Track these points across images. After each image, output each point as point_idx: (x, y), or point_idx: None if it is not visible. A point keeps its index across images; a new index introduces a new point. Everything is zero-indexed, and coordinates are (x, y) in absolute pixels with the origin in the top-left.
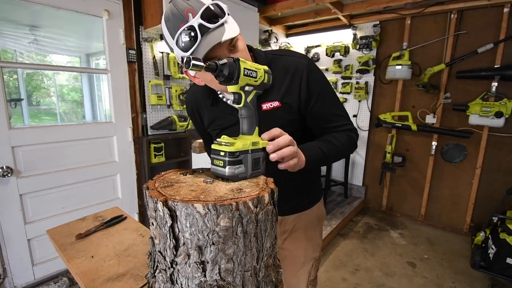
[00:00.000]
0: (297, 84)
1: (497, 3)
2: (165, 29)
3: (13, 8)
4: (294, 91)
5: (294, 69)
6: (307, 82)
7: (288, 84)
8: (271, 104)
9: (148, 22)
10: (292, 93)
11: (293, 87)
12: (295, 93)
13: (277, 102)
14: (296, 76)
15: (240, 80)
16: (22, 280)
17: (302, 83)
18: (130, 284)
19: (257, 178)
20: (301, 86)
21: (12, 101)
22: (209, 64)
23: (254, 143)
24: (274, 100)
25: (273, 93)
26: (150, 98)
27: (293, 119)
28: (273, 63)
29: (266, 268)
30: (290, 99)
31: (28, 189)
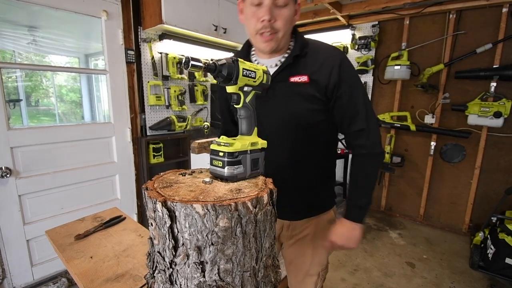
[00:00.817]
0: (329, 67)
1: (496, 3)
2: None
3: (12, 9)
4: (325, 72)
5: (329, 53)
6: (339, 69)
7: (320, 64)
8: (300, 78)
9: (147, 23)
10: (323, 74)
11: (324, 68)
12: (325, 74)
13: (306, 77)
14: (329, 60)
15: (239, 81)
16: (21, 281)
17: (334, 67)
18: (129, 284)
19: (256, 179)
20: (332, 70)
21: (11, 101)
22: (208, 65)
23: (253, 144)
24: (304, 74)
25: (303, 68)
26: (149, 98)
27: (318, 98)
28: (310, 44)
29: (265, 269)
30: (319, 78)
31: (27, 190)
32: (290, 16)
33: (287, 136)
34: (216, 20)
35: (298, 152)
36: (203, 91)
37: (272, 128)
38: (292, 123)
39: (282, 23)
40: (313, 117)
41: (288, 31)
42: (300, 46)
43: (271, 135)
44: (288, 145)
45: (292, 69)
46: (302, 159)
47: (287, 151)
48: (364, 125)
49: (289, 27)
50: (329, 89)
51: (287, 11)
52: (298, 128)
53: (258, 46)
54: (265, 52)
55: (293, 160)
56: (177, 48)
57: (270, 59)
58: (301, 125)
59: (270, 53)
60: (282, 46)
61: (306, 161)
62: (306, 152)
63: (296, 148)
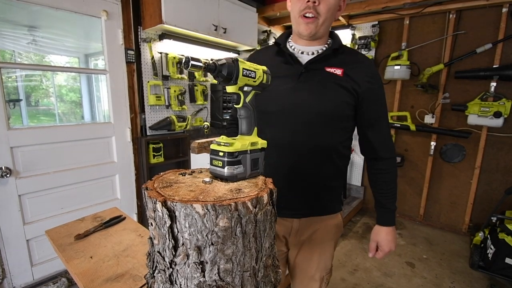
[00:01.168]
0: (364, 68)
1: (496, 3)
2: None
3: (12, 9)
4: (359, 71)
5: (364, 57)
6: (372, 72)
7: (355, 63)
8: (335, 70)
9: (147, 23)
10: (357, 72)
11: (360, 67)
12: (360, 73)
13: (341, 70)
14: (365, 62)
15: (239, 81)
16: (21, 281)
17: (369, 69)
18: (129, 284)
19: (256, 179)
20: (367, 71)
21: (11, 101)
22: (208, 64)
23: (253, 144)
24: (339, 68)
25: (339, 63)
26: (149, 98)
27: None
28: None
29: (265, 269)
30: (354, 75)
31: (27, 190)
32: (334, 4)
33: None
34: (216, 20)
35: (323, 142)
36: (203, 91)
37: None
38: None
39: (325, 8)
40: (345, 109)
41: (329, 19)
42: (338, 42)
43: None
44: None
45: (328, 61)
46: (325, 151)
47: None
48: (386, 129)
49: (330, 15)
50: (362, 89)
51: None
52: (330, 118)
53: (298, 29)
54: (304, 37)
55: (316, 151)
56: (177, 48)
57: (309, 47)
58: (334, 115)
59: (309, 40)
60: (321, 34)
61: (328, 154)
62: (330, 144)
63: (323, 138)
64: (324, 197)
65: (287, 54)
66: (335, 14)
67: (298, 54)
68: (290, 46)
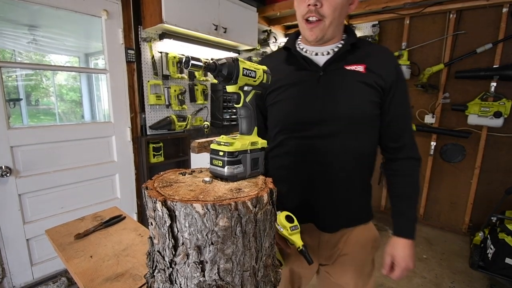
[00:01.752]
0: (387, 62)
1: (496, 3)
2: None
3: (12, 8)
4: (383, 65)
5: (385, 50)
6: (396, 67)
7: (377, 57)
8: (356, 67)
9: (147, 22)
10: (380, 66)
11: (382, 61)
12: (383, 68)
13: (362, 67)
14: (387, 56)
15: (239, 80)
16: (21, 280)
17: (392, 64)
18: (129, 284)
19: (256, 178)
20: (391, 66)
21: (11, 101)
22: (208, 64)
23: (253, 143)
24: (360, 64)
25: (359, 59)
26: (149, 98)
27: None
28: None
29: (265, 268)
30: (377, 70)
31: (27, 189)
32: (341, 2)
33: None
34: (216, 20)
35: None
36: (203, 90)
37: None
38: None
39: (329, 9)
40: (373, 109)
41: (337, 19)
42: (354, 36)
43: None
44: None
45: (346, 58)
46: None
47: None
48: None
49: (339, 15)
50: (387, 84)
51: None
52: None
53: (303, 33)
54: (310, 42)
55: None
56: (177, 48)
57: (323, 46)
58: (362, 117)
59: (316, 43)
60: (330, 36)
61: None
62: (359, 148)
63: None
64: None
65: (300, 58)
66: (345, 11)
67: (312, 56)
68: (301, 49)
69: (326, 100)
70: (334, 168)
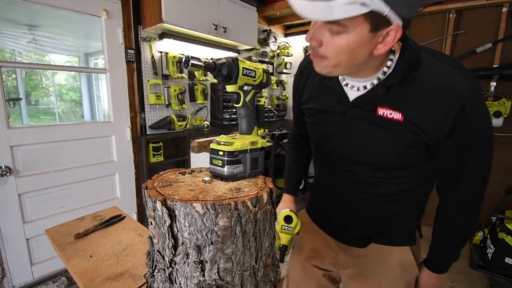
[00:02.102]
0: (440, 112)
1: (496, 2)
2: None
3: (12, 8)
4: (431, 117)
5: (447, 90)
6: (455, 118)
7: (427, 103)
8: (392, 113)
9: (147, 22)
10: (427, 119)
11: (432, 111)
12: (431, 120)
13: (400, 115)
14: (444, 101)
15: (239, 80)
16: (21, 280)
17: (449, 115)
18: (129, 283)
19: (256, 178)
20: (444, 117)
21: (11, 100)
22: (208, 64)
23: (253, 143)
24: (398, 111)
25: (400, 102)
26: (149, 97)
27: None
28: (424, 63)
29: (265, 268)
30: (420, 123)
31: (26, 189)
32: (348, 47)
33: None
34: (216, 19)
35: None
36: (203, 90)
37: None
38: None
39: (331, 52)
40: (404, 160)
41: (348, 62)
42: (405, 69)
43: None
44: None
45: (383, 98)
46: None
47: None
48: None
49: (348, 59)
50: (432, 139)
51: (341, 40)
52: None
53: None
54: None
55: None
56: (177, 47)
57: (354, 79)
58: (385, 166)
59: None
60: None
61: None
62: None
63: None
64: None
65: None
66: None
67: (344, 86)
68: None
69: (348, 139)
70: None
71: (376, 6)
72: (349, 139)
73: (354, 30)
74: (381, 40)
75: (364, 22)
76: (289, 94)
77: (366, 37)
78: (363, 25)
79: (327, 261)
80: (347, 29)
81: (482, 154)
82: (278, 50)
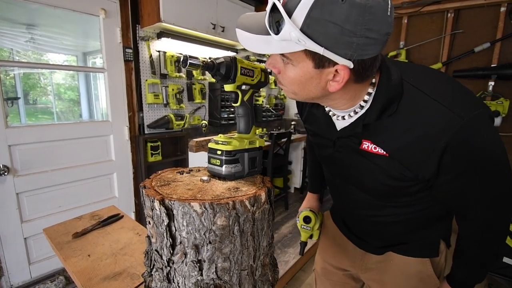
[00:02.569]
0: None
1: (494, 2)
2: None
3: (10, 7)
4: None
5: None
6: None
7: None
8: (376, 148)
9: (145, 21)
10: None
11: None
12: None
13: (383, 151)
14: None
15: (237, 79)
16: (19, 279)
17: (434, 151)
18: (127, 282)
19: (254, 177)
20: (430, 154)
21: (9, 99)
22: (206, 63)
23: (251, 142)
24: (381, 146)
25: (383, 138)
26: (147, 97)
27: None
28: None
29: (263, 267)
30: (405, 160)
31: (24, 188)
32: (296, 79)
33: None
34: (214, 19)
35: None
36: (201, 89)
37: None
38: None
39: (285, 81)
40: (397, 191)
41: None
42: (383, 104)
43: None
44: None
45: (366, 131)
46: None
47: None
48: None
49: (302, 89)
50: (420, 177)
51: (290, 71)
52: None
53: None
54: None
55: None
56: (175, 47)
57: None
58: (380, 194)
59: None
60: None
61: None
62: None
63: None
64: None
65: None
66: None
67: (331, 114)
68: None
69: (341, 166)
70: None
71: (309, 46)
72: (342, 165)
73: (299, 64)
74: (332, 77)
75: (306, 58)
76: None
77: (312, 73)
78: (305, 60)
79: (346, 263)
80: (292, 62)
81: (492, 187)
82: None
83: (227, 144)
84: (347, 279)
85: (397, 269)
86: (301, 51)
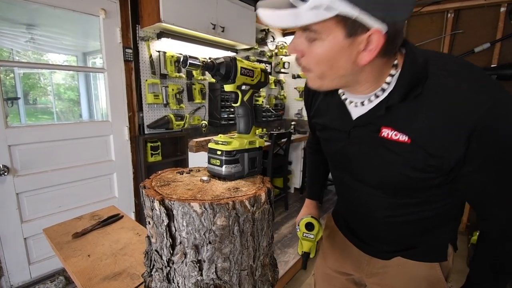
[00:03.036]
0: (450, 132)
1: (494, 2)
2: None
3: (10, 7)
4: (440, 138)
5: (460, 106)
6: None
7: (434, 123)
8: (397, 134)
9: (145, 21)
10: (436, 139)
11: (441, 131)
12: (441, 143)
13: (407, 137)
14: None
15: (237, 79)
16: (19, 279)
17: (461, 136)
18: (127, 283)
19: (254, 177)
20: (456, 139)
21: (9, 100)
22: (206, 63)
23: (251, 142)
24: (403, 132)
25: (406, 122)
26: (147, 97)
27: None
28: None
29: (263, 267)
30: (429, 146)
31: (24, 188)
32: (326, 55)
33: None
34: (214, 19)
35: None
36: (201, 89)
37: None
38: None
39: (312, 63)
40: (415, 184)
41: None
42: (407, 86)
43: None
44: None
45: (386, 117)
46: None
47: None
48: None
49: (330, 68)
50: (446, 164)
51: (318, 48)
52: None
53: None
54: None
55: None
56: (175, 47)
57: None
58: (394, 190)
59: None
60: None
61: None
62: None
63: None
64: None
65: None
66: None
67: (347, 102)
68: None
69: (353, 160)
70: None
71: (342, 10)
72: (354, 159)
73: (328, 37)
74: (364, 47)
75: (336, 28)
76: (287, 94)
77: (342, 44)
78: (335, 30)
79: (350, 268)
80: (320, 35)
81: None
82: (276, 49)
83: (227, 144)
84: (349, 284)
85: (406, 274)
86: (332, 20)
